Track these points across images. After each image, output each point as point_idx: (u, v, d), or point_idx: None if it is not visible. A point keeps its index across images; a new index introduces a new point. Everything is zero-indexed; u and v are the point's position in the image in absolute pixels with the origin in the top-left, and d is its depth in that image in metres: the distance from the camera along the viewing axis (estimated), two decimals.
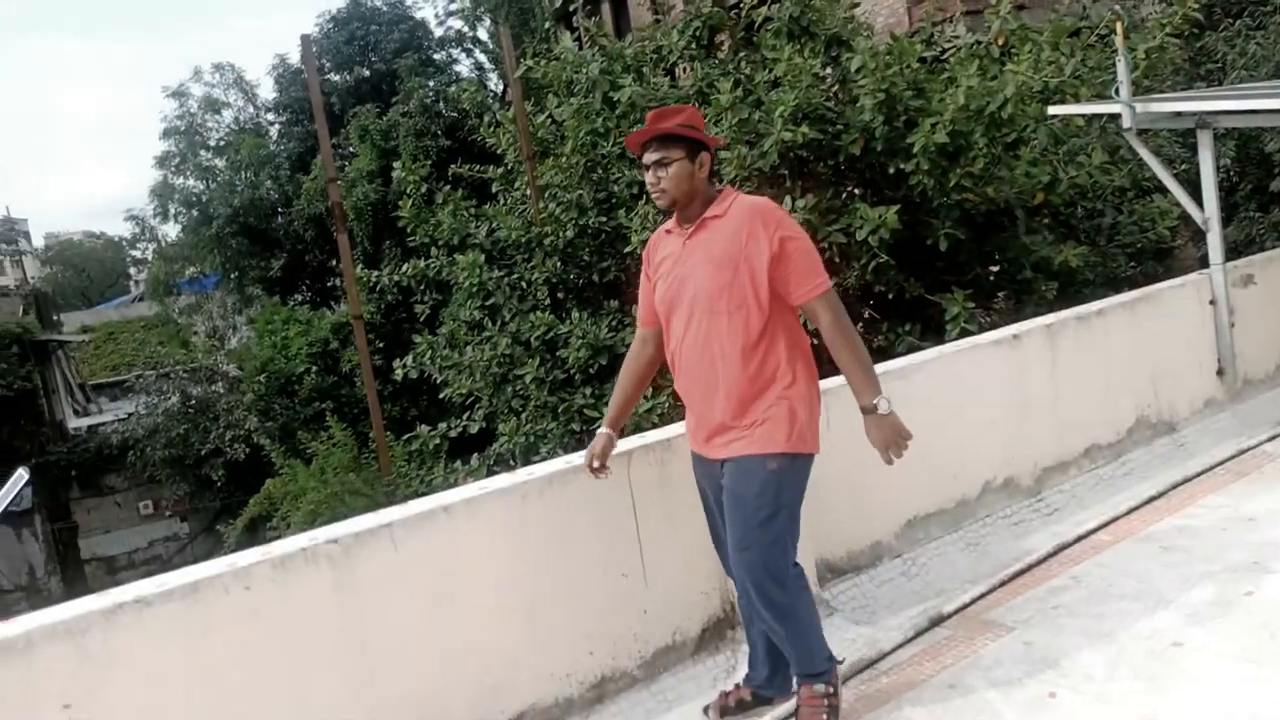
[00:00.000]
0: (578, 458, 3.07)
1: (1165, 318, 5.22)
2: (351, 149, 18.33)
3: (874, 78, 5.60)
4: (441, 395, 7.76)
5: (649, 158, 2.71)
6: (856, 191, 6.11)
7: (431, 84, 19.36)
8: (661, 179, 2.69)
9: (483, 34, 22.53)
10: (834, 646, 3.28)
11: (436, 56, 21.41)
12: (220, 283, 21.93)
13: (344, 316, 16.82)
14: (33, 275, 26.78)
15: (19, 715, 2.19)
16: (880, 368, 4.06)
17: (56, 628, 2.25)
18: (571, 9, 21.31)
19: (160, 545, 20.76)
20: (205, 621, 2.41)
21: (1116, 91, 5.23)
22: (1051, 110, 5.68)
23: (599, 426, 3.02)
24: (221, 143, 21.57)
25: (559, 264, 7.37)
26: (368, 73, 20.47)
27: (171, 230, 22.41)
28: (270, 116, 22.24)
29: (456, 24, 22.49)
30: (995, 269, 6.33)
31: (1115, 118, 5.52)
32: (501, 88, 19.76)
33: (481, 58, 22.48)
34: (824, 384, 2.94)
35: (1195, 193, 5.56)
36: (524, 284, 7.52)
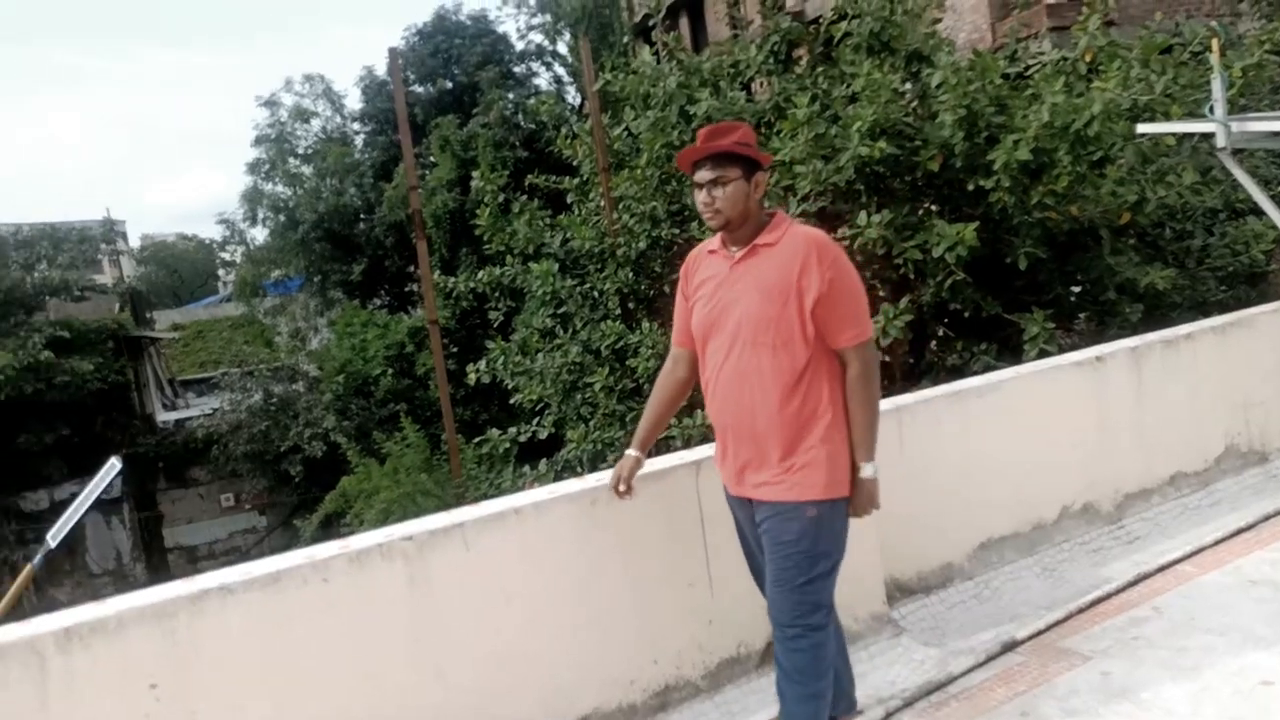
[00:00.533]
0: (647, 465, 3.07)
1: (1258, 344, 5.02)
2: (432, 158, 18.80)
3: (955, 93, 5.52)
4: (512, 400, 7.88)
5: (703, 176, 2.60)
6: (934, 208, 6.02)
7: (511, 96, 19.77)
8: (717, 199, 2.58)
9: (562, 48, 22.99)
10: (901, 668, 3.25)
11: (517, 70, 21.89)
12: (304, 285, 22.68)
13: (420, 321, 17.24)
14: (129, 274, 27.94)
15: (109, 692, 2.30)
16: (956, 385, 4.03)
17: (145, 611, 2.35)
18: (650, 24, 21.51)
19: (239, 537, 21.48)
20: (284, 610, 2.50)
21: (1210, 110, 5.07)
22: (1141, 128, 5.51)
23: (630, 448, 2.96)
24: (309, 151, 22.37)
25: (631, 274, 7.43)
26: (450, 84, 21.02)
27: (260, 234, 23.32)
28: (356, 126, 23.00)
29: (537, 38, 23.00)
30: (1077, 289, 6.16)
31: (1208, 137, 5.34)
32: (579, 100, 20.06)
33: (560, 71, 22.93)
34: (900, 400, 2.91)
35: None
36: (596, 293, 7.59)
